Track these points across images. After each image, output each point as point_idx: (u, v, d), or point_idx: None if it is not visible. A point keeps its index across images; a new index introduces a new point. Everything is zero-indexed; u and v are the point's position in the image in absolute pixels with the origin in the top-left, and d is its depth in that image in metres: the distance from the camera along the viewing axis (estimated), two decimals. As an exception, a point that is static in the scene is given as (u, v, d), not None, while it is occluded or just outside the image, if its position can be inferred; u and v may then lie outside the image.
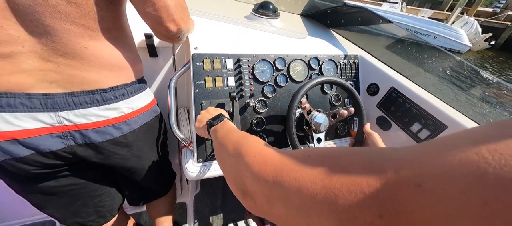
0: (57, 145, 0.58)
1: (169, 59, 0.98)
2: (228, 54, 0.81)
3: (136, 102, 0.69)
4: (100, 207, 0.81)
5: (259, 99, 0.84)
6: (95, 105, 0.59)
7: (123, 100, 0.64)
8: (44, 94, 0.53)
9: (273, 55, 0.87)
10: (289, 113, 0.74)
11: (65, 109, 0.56)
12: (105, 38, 0.58)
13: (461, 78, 0.85)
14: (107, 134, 0.63)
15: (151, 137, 0.80)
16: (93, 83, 0.58)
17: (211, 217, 1.47)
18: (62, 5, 0.48)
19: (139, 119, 0.71)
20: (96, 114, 0.60)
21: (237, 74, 0.82)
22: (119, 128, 0.65)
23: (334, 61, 0.97)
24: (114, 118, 0.63)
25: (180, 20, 0.60)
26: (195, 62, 0.76)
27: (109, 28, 0.58)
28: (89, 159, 0.65)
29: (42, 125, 0.54)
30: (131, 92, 0.67)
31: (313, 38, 1.08)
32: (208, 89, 0.78)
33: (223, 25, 0.98)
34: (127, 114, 0.66)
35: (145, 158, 0.79)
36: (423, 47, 0.96)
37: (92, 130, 0.61)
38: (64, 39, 0.51)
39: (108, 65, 0.60)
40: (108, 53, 0.59)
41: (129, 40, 0.67)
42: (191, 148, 0.79)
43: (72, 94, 0.56)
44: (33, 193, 0.66)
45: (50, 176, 0.65)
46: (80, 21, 0.51)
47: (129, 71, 0.65)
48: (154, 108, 0.78)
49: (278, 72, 0.87)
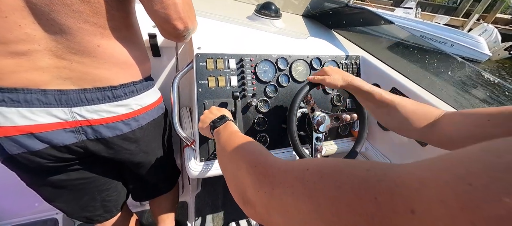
0: (70, 139, 0.60)
1: (172, 59, 0.98)
2: (230, 54, 0.82)
3: (144, 99, 0.71)
4: (107, 202, 0.83)
5: (261, 99, 0.85)
6: (107, 102, 0.62)
7: (133, 97, 0.67)
8: (58, 90, 0.55)
9: (275, 55, 0.88)
10: (290, 113, 0.75)
11: (78, 105, 0.58)
12: (116, 37, 0.59)
13: (467, 83, 0.84)
14: (117, 129, 0.65)
15: (158, 133, 0.82)
16: (104, 81, 0.60)
17: (212, 216, 1.47)
18: (76, 4, 0.50)
19: (147, 115, 0.72)
20: (107, 110, 0.62)
21: (240, 74, 0.83)
22: (128, 124, 0.67)
23: (335, 61, 0.98)
24: (123, 114, 0.65)
25: (187, 18, 0.61)
26: (198, 62, 0.77)
27: (120, 27, 0.59)
28: (99, 153, 0.67)
29: (56, 120, 0.57)
30: (140, 90, 0.69)
31: (315, 38, 1.08)
32: (210, 89, 0.78)
33: (225, 25, 0.98)
34: (136, 110, 0.68)
35: (152, 154, 0.81)
36: (426, 49, 0.96)
37: (103, 125, 0.63)
38: (78, 37, 0.53)
39: (118, 63, 0.61)
40: (118, 51, 0.61)
41: (138, 39, 0.68)
42: (194, 147, 0.80)
43: (84, 91, 0.58)
44: (44, 186, 0.68)
45: (61, 169, 0.67)
46: (93, 20, 0.53)
47: (138, 69, 0.67)
48: (161, 105, 0.80)
49: (280, 72, 0.88)
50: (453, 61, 0.87)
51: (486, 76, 0.80)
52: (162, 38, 0.88)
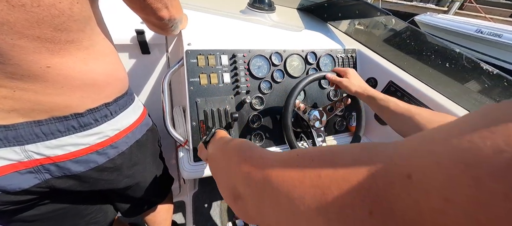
0: (30, 182, 0.48)
1: (163, 56, 0.95)
2: (222, 50, 0.79)
3: (122, 121, 0.59)
4: (93, 223, 0.74)
5: (256, 95, 0.82)
6: (72, 133, 0.49)
7: (107, 122, 0.54)
8: (3, 126, 0.43)
9: (269, 50, 0.85)
10: (285, 109, 0.72)
11: (33, 141, 0.46)
12: (74, 51, 0.45)
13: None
14: (91, 162, 0.54)
15: (143, 153, 0.70)
16: (65, 109, 0.47)
17: (210, 216, 1.46)
18: (2, 11, 0.35)
19: (128, 139, 0.61)
20: (74, 143, 0.50)
21: (233, 71, 0.80)
22: (104, 153, 0.56)
23: (331, 55, 0.95)
24: (97, 143, 0.53)
25: (172, 7, 0.58)
26: (189, 58, 0.74)
27: (79, 37, 0.45)
28: (72, 189, 0.56)
29: (5, 162, 0.45)
30: (115, 112, 0.56)
31: (310, 32, 1.06)
32: (202, 87, 0.76)
33: (217, 20, 0.95)
34: (112, 137, 0.56)
35: (139, 175, 0.71)
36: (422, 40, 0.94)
37: (71, 160, 0.51)
38: (14, 58, 0.39)
39: (82, 85, 0.48)
40: (80, 70, 0.47)
41: (107, 48, 0.54)
42: (187, 147, 0.77)
43: (39, 123, 0.46)
44: (12, 223, 0.58)
45: (28, 207, 0.56)
46: (33, 32, 0.38)
47: (110, 87, 0.54)
48: (145, 121, 0.69)
49: (275, 68, 0.85)
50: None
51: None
52: (150, 35, 0.84)
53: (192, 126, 0.74)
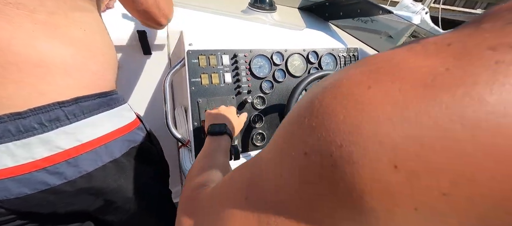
0: None
1: (164, 56, 0.95)
2: (224, 50, 0.79)
3: (87, 130, 0.41)
4: None
5: (257, 95, 0.82)
6: (8, 141, 0.35)
7: (59, 128, 0.38)
8: None
9: (270, 50, 0.85)
10: (287, 109, 0.72)
11: None
12: (20, 18, 0.33)
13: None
14: (38, 183, 0.38)
15: (126, 180, 0.49)
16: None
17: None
18: None
19: (96, 155, 0.43)
20: (12, 154, 0.36)
21: (234, 71, 0.80)
22: (57, 173, 0.39)
23: (333, 54, 0.95)
24: (44, 158, 0.38)
25: (169, 10, 0.61)
26: (190, 59, 0.74)
27: (36, 6, 0.33)
28: (29, 211, 0.41)
29: None
30: (74, 115, 0.40)
31: (311, 31, 1.05)
32: (204, 87, 0.76)
33: (218, 20, 0.95)
34: (68, 150, 0.40)
35: (123, 212, 0.52)
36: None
37: (9, 179, 0.36)
38: None
39: (23, 66, 0.34)
40: (24, 44, 0.34)
41: (87, 37, 0.42)
42: (189, 147, 0.77)
43: None
44: None
45: None
46: None
47: (71, 78, 0.39)
48: (129, 135, 0.49)
49: (276, 67, 0.85)
50: None
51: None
52: (152, 36, 0.85)
53: (193, 126, 0.74)
